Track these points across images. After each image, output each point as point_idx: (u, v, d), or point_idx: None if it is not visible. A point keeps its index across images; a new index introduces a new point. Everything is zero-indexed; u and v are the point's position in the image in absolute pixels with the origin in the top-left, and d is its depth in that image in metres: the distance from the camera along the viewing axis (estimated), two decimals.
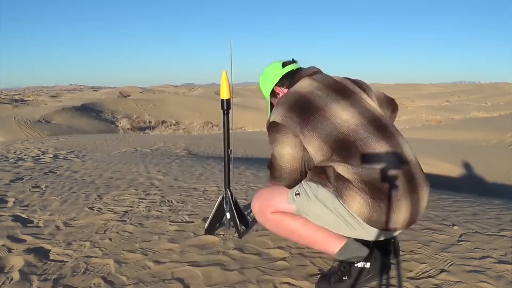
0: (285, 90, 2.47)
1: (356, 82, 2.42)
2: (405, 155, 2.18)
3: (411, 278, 2.45)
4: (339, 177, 2.08)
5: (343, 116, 2.16)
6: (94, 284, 2.43)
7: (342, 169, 2.07)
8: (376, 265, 2.21)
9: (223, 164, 3.26)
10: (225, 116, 3.05)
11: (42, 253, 2.87)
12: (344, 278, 2.19)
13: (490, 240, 3.04)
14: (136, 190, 4.86)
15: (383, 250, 2.41)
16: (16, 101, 50.86)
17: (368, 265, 2.18)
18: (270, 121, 2.28)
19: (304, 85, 2.33)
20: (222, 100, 2.99)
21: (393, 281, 2.42)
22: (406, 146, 2.25)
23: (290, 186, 2.35)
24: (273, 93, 2.58)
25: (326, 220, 2.21)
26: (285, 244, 2.99)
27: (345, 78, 2.41)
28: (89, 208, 4.02)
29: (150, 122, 36.57)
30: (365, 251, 2.20)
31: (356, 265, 2.19)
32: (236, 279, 2.48)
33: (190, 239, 3.14)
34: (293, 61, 2.57)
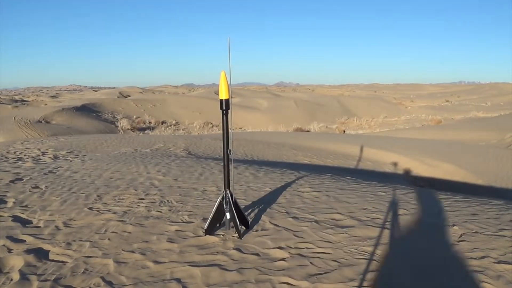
0: None
1: None
2: None
3: None
4: None
5: None
6: (94, 284, 2.43)
7: None
8: None
9: (222, 164, 3.26)
10: (224, 116, 3.05)
11: (42, 253, 2.88)
12: None
13: (490, 240, 3.04)
14: (136, 190, 4.86)
15: None
16: (16, 101, 50.88)
17: None
18: None
19: None
20: (221, 100, 2.99)
21: None
22: None
23: None
24: None
25: None
26: (285, 244, 2.99)
27: None
28: (88, 208, 4.02)
29: (150, 122, 36.57)
30: None
31: None
32: (235, 279, 2.48)
33: (190, 239, 3.14)
34: None
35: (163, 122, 37.53)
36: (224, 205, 3.16)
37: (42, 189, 4.88)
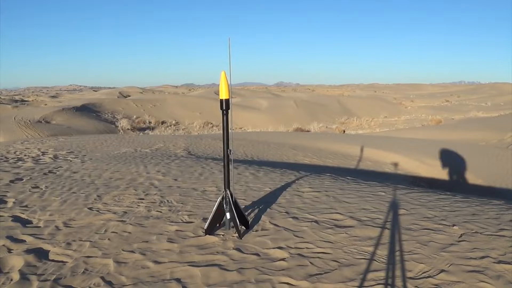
0: None
1: None
2: None
3: (410, 278, 2.45)
4: None
5: None
6: (94, 284, 2.43)
7: None
8: None
9: (222, 164, 3.27)
10: (225, 116, 3.06)
11: (42, 253, 2.88)
12: None
13: (489, 240, 3.04)
14: (135, 190, 4.86)
15: None
16: (16, 101, 50.86)
17: None
18: None
19: None
20: (221, 100, 2.99)
21: (393, 281, 2.43)
22: None
23: None
24: None
25: None
26: (285, 244, 3.00)
27: None
28: (88, 208, 4.02)
29: (150, 122, 36.58)
30: None
31: None
32: (235, 279, 2.48)
33: (190, 239, 3.14)
34: None
35: (163, 122, 37.53)
36: (224, 205, 3.16)
37: (42, 189, 4.89)
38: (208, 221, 3.21)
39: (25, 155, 8.22)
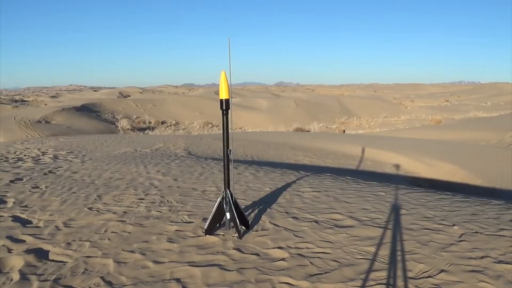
0: None
1: None
2: None
3: (410, 278, 2.45)
4: None
5: None
6: (93, 284, 2.43)
7: None
8: None
9: (222, 164, 3.26)
10: (225, 116, 3.05)
11: (42, 253, 2.87)
12: None
13: (489, 240, 3.04)
14: (135, 190, 4.86)
15: None
16: (16, 101, 50.84)
17: None
18: None
19: None
20: (221, 100, 2.99)
21: (393, 281, 2.43)
22: None
23: None
24: None
25: None
26: (285, 244, 2.99)
27: None
28: (88, 208, 4.02)
29: (150, 122, 36.57)
30: None
31: None
32: (235, 278, 2.48)
33: (190, 239, 3.14)
34: None
35: (163, 122, 37.52)
36: (224, 205, 3.16)
37: (42, 189, 4.88)
38: (208, 221, 3.21)
39: (25, 155, 8.22)
